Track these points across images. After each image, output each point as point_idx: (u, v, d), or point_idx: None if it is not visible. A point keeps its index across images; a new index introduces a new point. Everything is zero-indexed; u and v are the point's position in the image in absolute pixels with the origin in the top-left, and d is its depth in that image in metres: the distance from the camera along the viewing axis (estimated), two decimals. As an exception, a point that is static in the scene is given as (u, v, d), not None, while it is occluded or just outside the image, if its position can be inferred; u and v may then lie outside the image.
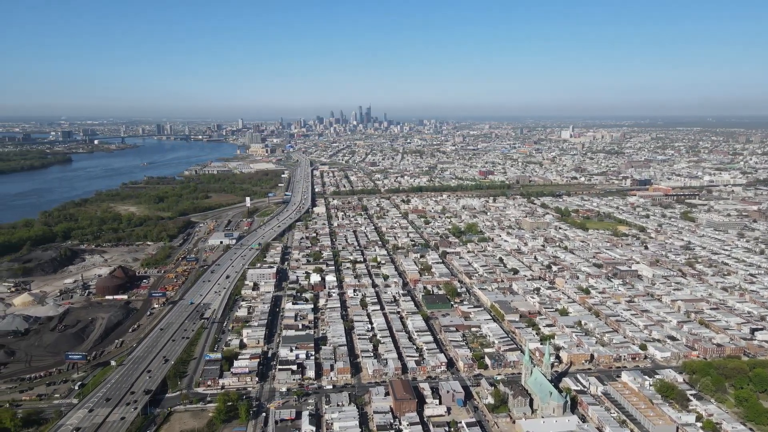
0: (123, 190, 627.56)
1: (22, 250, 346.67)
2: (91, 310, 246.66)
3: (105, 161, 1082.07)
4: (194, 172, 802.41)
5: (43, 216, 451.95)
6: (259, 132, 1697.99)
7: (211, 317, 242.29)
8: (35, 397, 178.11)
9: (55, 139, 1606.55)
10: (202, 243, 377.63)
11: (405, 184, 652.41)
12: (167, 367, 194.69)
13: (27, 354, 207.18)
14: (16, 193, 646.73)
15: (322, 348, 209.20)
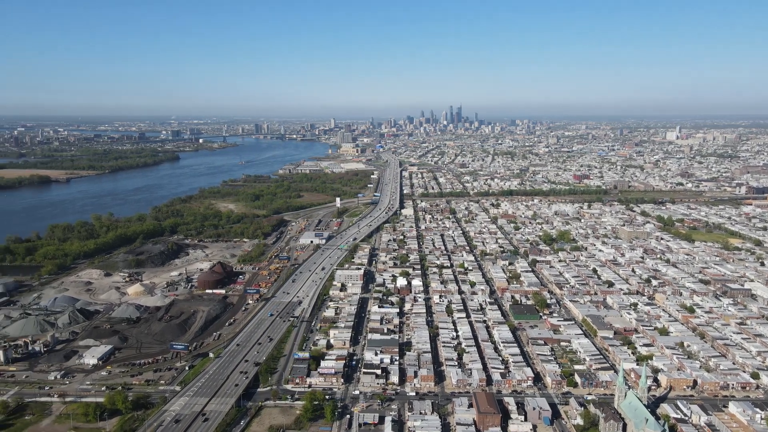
0: (223, 188, 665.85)
1: (135, 242, 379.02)
2: (193, 303, 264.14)
3: (208, 159, 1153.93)
4: (288, 171, 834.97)
5: (154, 211, 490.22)
6: (350, 131, 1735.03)
7: (301, 316, 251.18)
8: (143, 382, 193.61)
9: (166, 137, 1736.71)
10: (293, 242, 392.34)
11: (495, 187, 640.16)
12: (260, 362, 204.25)
13: (138, 341, 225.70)
14: (133, 189, 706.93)
15: (407, 353, 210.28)
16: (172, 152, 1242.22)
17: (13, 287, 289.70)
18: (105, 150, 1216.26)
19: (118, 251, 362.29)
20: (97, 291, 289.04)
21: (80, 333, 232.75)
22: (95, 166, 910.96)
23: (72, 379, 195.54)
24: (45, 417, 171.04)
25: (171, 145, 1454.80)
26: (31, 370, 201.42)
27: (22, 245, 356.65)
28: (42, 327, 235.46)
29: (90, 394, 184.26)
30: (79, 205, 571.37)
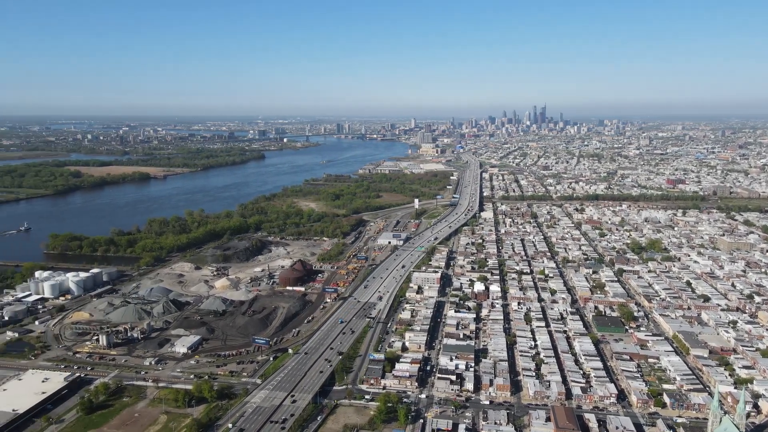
0: (305, 187, 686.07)
1: (223, 238, 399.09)
2: (274, 299, 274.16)
3: (291, 158, 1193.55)
4: (368, 171, 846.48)
5: (240, 208, 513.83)
6: (430, 132, 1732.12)
7: (377, 317, 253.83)
8: (227, 372, 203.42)
9: (253, 137, 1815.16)
10: (371, 242, 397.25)
11: (579, 191, 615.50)
12: (336, 361, 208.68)
13: (223, 333, 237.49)
14: (222, 186, 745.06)
15: (482, 361, 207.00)
16: (258, 151, 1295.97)
17: (116, 276, 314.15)
18: (198, 149, 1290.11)
19: (207, 246, 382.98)
20: (188, 283, 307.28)
21: (172, 322, 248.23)
22: (189, 164, 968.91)
23: (164, 365, 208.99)
24: (140, 400, 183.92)
25: (257, 145, 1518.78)
26: (129, 355, 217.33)
27: (125, 237, 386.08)
28: (139, 315, 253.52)
29: (180, 381, 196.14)
30: (174, 201, 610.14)
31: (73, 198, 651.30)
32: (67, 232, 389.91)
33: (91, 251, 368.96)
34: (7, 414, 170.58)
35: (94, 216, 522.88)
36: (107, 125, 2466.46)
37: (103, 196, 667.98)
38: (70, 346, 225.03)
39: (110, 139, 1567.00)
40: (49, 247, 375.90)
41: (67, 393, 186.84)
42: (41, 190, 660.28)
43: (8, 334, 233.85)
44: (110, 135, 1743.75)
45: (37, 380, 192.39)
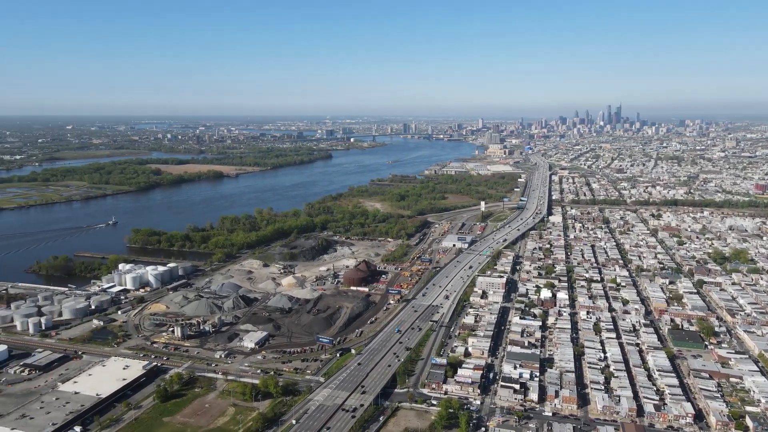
0: (371, 187, 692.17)
1: (290, 236, 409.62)
2: (338, 298, 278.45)
3: (358, 158, 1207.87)
4: (434, 172, 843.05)
5: (307, 207, 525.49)
6: (497, 132, 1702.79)
7: (440, 320, 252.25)
8: (292, 369, 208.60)
9: (321, 136, 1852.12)
10: (436, 244, 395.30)
11: (656, 196, 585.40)
12: (398, 363, 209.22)
13: (289, 330, 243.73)
14: (290, 185, 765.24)
15: (548, 370, 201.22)
16: (326, 151, 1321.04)
17: (191, 271, 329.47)
18: (268, 148, 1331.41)
19: (275, 244, 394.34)
20: (256, 280, 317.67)
21: (241, 318, 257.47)
22: (259, 163, 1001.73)
23: (233, 359, 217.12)
24: (210, 391, 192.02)
25: (325, 144, 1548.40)
26: (201, 347, 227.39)
27: (199, 234, 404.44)
28: (211, 309, 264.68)
29: (247, 375, 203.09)
30: (245, 199, 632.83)
31: (153, 194, 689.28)
32: (148, 228, 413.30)
33: (169, 246, 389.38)
34: (92, 398, 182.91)
35: (172, 212, 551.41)
36: (185, 125, 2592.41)
37: (181, 193, 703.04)
38: (148, 336, 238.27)
39: (188, 139, 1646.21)
40: (131, 241, 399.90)
41: (145, 381, 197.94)
42: (125, 186, 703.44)
43: (94, 322, 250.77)
44: (188, 134, 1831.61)
45: (118, 367, 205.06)
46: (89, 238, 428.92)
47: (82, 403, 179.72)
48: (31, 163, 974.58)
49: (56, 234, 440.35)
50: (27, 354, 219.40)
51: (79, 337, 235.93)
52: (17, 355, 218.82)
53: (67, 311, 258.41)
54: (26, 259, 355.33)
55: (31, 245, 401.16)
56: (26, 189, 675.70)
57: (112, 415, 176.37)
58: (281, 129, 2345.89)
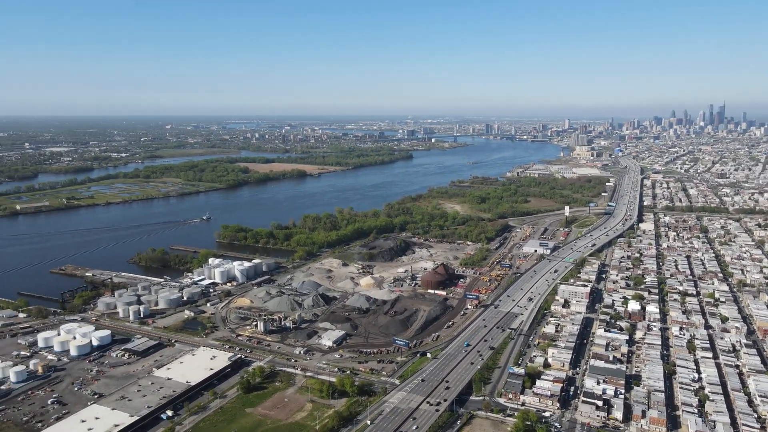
0: (451, 188, 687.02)
1: (369, 237, 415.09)
2: (415, 301, 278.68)
3: (438, 158, 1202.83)
4: (516, 174, 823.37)
5: (387, 208, 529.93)
6: (585, 133, 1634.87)
7: (518, 328, 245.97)
8: (368, 370, 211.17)
9: (402, 137, 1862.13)
10: (516, 249, 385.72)
11: (764, 204, 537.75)
12: (474, 370, 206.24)
13: (366, 330, 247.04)
14: (370, 185, 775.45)
15: (634, 388, 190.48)
16: (407, 151, 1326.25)
17: (274, 267, 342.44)
18: (350, 148, 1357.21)
19: (354, 243, 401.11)
20: (335, 279, 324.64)
21: (320, 315, 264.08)
22: (341, 163, 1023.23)
23: (312, 356, 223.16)
24: (290, 386, 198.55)
25: (406, 144, 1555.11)
26: (282, 343, 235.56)
27: (282, 231, 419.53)
28: (292, 306, 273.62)
29: (325, 372, 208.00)
30: (327, 198, 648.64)
31: (241, 192, 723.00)
32: (235, 224, 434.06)
33: (254, 242, 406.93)
34: (182, 385, 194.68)
35: (258, 209, 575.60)
36: (272, 125, 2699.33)
37: (266, 191, 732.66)
38: (233, 328, 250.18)
39: (274, 138, 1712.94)
40: (221, 236, 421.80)
41: (230, 371, 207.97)
42: (216, 184, 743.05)
43: (186, 312, 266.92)
44: (274, 134, 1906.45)
45: (206, 357, 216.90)
46: (184, 232, 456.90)
47: (173, 389, 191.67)
48: (135, 161, 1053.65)
49: (155, 227, 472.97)
50: (127, 339, 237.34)
51: (172, 326, 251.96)
52: (119, 339, 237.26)
53: (162, 301, 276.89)
54: (129, 251, 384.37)
55: (133, 237, 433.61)
56: (130, 185, 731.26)
57: (199, 403, 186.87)
58: (363, 129, 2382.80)
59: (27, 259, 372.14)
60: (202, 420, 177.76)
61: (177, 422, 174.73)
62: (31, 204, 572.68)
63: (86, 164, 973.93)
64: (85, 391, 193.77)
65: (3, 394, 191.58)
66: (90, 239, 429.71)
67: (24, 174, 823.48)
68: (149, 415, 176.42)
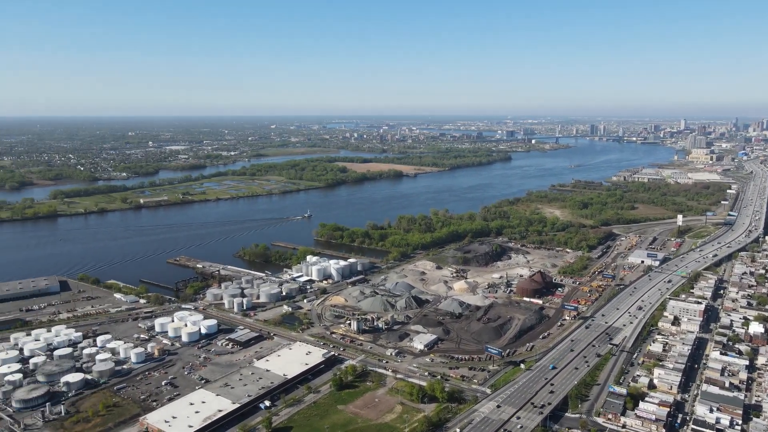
0: (551, 192, 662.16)
1: (464, 240, 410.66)
2: (510, 308, 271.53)
3: (538, 161, 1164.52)
4: (622, 179, 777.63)
5: (483, 211, 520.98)
6: (703, 135, 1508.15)
7: (621, 344, 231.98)
8: (459, 376, 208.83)
9: (500, 137, 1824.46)
10: (621, 259, 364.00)
11: None
12: (570, 385, 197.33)
13: (458, 336, 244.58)
14: (467, 187, 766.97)
15: (753, 419, 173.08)
16: (505, 152, 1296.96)
17: (368, 267, 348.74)
18: (447, 148, 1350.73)
19: (449, 247, 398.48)
20: (428, 281, 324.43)
21: (412, 318, 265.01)
22: (437, 163, 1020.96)
23: (403, 358, 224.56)
24: (380, 387, 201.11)
25: (504, 145, 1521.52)
26: (374, 343, 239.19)
27: (377, 232, 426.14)
28: (385, 306, 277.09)
29: (415, 375, 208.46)
30: (422, 199, 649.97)
31: (339, 191, 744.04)
32: (333, 223, 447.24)
33: (350, 241, 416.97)
34: (280, 377, 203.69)
35: (355, 208, 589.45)
36: (371, 124, 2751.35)
37: (363, 190, 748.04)
38: (328, 326, 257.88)
39: (372, 138, 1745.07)
40: (318, 234, 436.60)
41: (323, 368, 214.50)
42: (316, 182, 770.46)
43: (284, 307, 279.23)
44: (372, 133, 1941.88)
45: (302, 352, 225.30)
46: (284, 229, 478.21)
47: (271, 381, 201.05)
48: (242, 159, 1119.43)
49: (259, 224, 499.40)
50: (231, 330, 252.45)
51: (271, 320, 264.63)
52: (224, 329, 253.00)
53: (263, 295, 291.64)
54: (234, 245, 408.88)
55: (239, 233, 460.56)
56: (237, 182, 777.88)
57: (295, 396, 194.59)
58: (461, 129, 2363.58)
59: (148, 249, 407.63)
60: (297, 413, 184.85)
61: (274, 413, 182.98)
62: (152, 198, 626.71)
63: (200, 162, 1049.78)
64: (193, 376, 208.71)
65: (125, 373, 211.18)
66: (201, 233, 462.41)
67: (147, 170, 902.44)
68: (249, 404, 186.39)
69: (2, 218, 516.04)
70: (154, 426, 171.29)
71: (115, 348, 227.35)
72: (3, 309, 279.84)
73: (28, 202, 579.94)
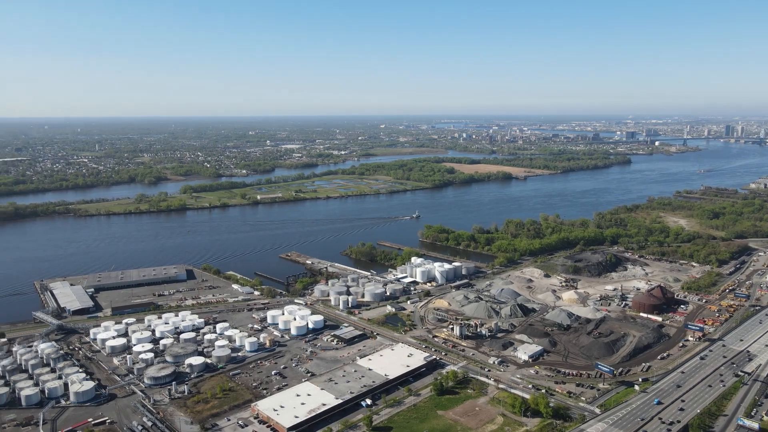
0: (675, 200, 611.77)
1: (575, 248, 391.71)
2: (624, 324, 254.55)
3: (662, 165, 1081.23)
4: (762, 186, 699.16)
5: (597, 217, 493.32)
6: None
7: (754, 373, 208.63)
8: (565, 392, 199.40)
9: (619, 139, 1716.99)
10: (757, 277, 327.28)
11: None
12: (691, 414, 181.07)
13: (565, 349, 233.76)
14: (580, 191, 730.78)
15: None
16: (624, 155, 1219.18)
17: (473, 272, 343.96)
18: (559, 150, 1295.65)
19: (558, 254, 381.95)
20: (535, 290, 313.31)
21: (517, 327, 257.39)
22: (549, 166, 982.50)
23: (506, 368, 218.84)
24: (482, 395, 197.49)
25: (623, 147, 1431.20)
26: (476, 350, 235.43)
27: (483, 236, 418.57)
28: (489, 313, 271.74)
29: (518, 387, 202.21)
30: (532, 203, 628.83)
31: (446, 192, 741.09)
32: (438, 225, 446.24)
33: (455, 244, 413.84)
34: (381, 377, 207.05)
35: (461, 211, 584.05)
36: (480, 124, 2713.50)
37: (470, 192, 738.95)
38: (430, 329, 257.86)
39: (481, 138, 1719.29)
40: (423, 235, 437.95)
41: (424, 371, 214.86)
42: (422, 183, 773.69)
43: (388, 307, 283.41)
44: (481, 134, 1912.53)
45: (404, 353, 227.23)
46: (390, 229, 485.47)
47: (373, 380, 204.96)
48: (352, 158, 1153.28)
49: (366, 222, 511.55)
50: (336, 326, 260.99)
51: (375, 319, 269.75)
52: (329, 326, 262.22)
53: (368, 294, 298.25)
54: (342, 243, 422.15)
55: (346, 231, 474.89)
56: (347, 181, 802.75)
57: (395, 397, 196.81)
58: (575, 130, 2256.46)
59: (263, 243, 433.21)
60: (397, 414, 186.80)
61: (374, 412, 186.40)
62: (268, 195, 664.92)
63: (312, 160, 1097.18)
64: (300, 368, 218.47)
65: (240, 360, 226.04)
66: (312, 230, 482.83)
67: (264, 168, 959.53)
68: (351, 401, 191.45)
69: (142, 210, 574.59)
70: (264, 413, 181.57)
71: (231, 336, 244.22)
72: (140, 293, 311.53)
73: (162, 195, 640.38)
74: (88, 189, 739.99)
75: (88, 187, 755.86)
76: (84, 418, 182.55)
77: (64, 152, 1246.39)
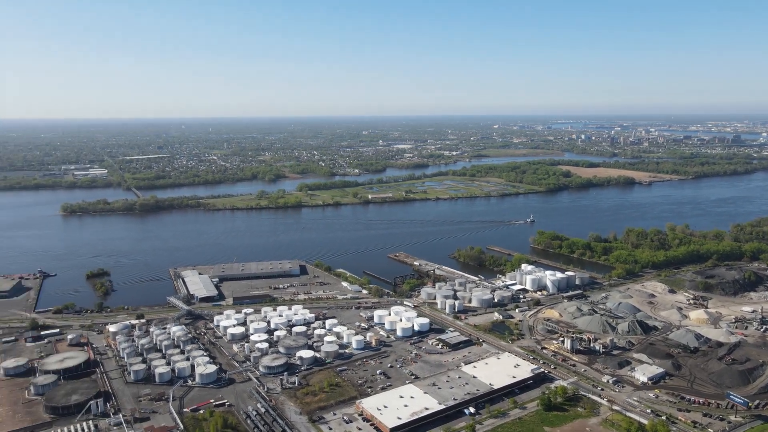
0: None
1: (707, 263, 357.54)
2: (764, 351, 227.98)
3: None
4: None
5: (735, 229, 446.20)
6: None
7: None
8: (689, 421, 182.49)
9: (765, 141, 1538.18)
10: None
11: None
12: None
13: (691, 374, 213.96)
14: (715, 200, 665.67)
15: None
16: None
17: (587, 282, 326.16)
18: (691, 153, 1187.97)
19: (686, 268, 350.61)
20: (658, 306, 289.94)
21: (635, 345, 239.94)
22: (678, 171, 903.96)
23: (621, 388, 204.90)
24: (593, 415, 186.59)
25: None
26: (589, 366, 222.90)
27: (600, 244, 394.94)
28: (604, 328, 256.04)
29: (635, 411, 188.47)
30: (657, 211, 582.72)
31: (561, 196, 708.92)
32: (551, 231, 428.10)
33: (569, 252, 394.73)
34: (485, 386, 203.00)
35: (576, 217, 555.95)
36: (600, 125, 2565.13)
37: (588, 197, 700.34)
38: (539, 340, 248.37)
39: (601, 140, 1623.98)
40: (535, 242, 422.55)
41: (531, 383, 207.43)
42: (536, 186, 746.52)
43: (495, 315, 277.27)
44: (602, 135, 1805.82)
45: (510, 363, 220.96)
46: (501, 234, 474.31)
47: (477, 388, 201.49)
48: (463, 159, 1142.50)
49: (476, 225, 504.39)
50: (441, 330, 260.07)
51: (481, 326, 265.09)
52: (435, 329, 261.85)
53: (475, 300, 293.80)
54: (450, 245, 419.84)
55: (455, 234, 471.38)
56: (457, 182, 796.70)
57: (500, 407, 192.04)
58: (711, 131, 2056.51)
59: (372, 242, 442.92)
60: (501, 426, 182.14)
61: (478, 421, 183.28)
62: (379, 195, 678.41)
63: (423, 161, 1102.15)
64: (404, 370, 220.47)
65: (346, 357, 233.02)
66: (420, 231, 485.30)
67: (376, 168, 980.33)
68: (454, 407, 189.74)
69: (261, 206, 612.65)
70: (368, 411, 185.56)
71: (339, 332, 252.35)
72: (257, 285, 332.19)
73: (280, 192, 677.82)
74: (217, 185, 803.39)
75: (217, 182, 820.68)
76: (206, 399, 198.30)
77: (197, 150, 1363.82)
